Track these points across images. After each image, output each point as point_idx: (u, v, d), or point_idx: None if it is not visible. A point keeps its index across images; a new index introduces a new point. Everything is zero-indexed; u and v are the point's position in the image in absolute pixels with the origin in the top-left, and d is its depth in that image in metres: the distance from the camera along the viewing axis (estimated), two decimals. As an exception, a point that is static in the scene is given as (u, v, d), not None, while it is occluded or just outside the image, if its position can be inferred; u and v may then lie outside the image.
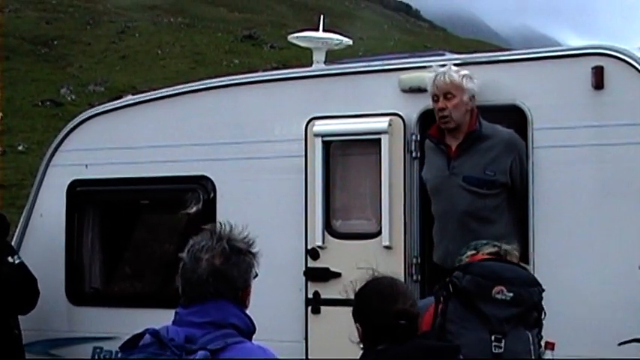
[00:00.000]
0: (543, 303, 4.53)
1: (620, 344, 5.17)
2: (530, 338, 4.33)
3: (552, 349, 4.56)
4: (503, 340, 4.24)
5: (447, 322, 4.30)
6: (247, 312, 3.66)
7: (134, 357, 3.42)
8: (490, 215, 6.14)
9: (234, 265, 3.63)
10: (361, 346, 4.14)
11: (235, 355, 3.42)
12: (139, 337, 3.50)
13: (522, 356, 4.27)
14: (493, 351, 4.21)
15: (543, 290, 4.48)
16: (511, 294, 4.29)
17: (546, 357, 4.51)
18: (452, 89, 6.24)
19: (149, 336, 3.48)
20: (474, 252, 4.73)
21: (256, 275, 3.76)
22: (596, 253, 6.01)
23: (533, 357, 4.31)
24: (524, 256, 6.10)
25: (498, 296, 4.27)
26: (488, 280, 4.31)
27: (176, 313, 3.62)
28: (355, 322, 4.16)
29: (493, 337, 4.24)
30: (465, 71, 6.31)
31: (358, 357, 4.07)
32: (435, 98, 6.31)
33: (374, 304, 4.13)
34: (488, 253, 4.66)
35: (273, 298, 6.59)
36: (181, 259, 3.70)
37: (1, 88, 30.40)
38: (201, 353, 3.36)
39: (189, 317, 3.56)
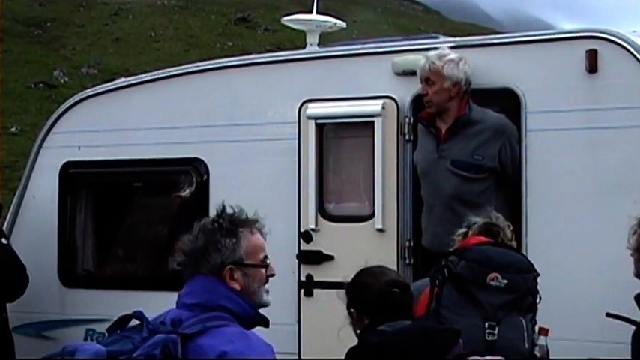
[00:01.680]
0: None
1: (607, 315, 5.20)
2: (524, 324, 4.33)
3: (546, 334, 4.56)
4: (496, 328, 4.24)
5: (441, 308, 4.29)
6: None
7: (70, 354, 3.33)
8: (477, 199, 6.14)
9: (209, 240, 3.55)
10: (358, 331, 4.14)
11: (210, 339, 3.33)
12: (127, 318, 3.45)
13: (515, 343, 4.27)
14: (487, 338, 4.21)
15: (538, 275, 4.48)
16: (505, 280, 4.28)
17: (540, 342, 4.52)
18: (431, 75, 6.29)
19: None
20: (465, 230, 4.76)
21: (241, 258, 3.62)
22: (589, 237, 6.01)
23: (526, 343, 4.31)
24: (516, 241, 6.11)
25: (493, 283, 4.26)
26: (483, 267, 4.30)
27: (179, 294, 3.59)
28: (349, 309, 4.15)
29: (487, 325, 4.23)
30: (452, 56, 6.29)
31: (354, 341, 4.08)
32: (421, 82, 6.34)
33: (365, 280, 4.17)
34: (481, 226, 4.68)
35: (265, 280, 6.59)
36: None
37: (-6, 70, 30.32)
38: (158, 336, 3.27)
39: (184, 299, 3.53)
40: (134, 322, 3.45)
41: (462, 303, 4.25)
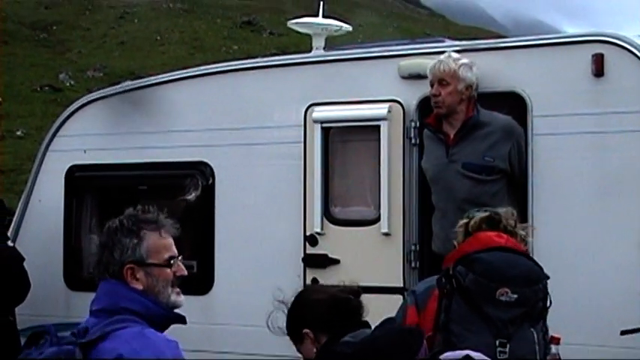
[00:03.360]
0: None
1: (622, 333, 5.14)
2: (535, 337, 4.25)
3: (557, 343, 4.52)
4: (507, 345, 4.17)
5: (450, 322, 4.21)
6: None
7: None
8: (490, 201, 6.11)
9: (118, 240, 3.47)
10: (315, 350, 4.02)
11: (109, 343, 3.26)
12: (42, 334, 3.39)
13: (527, 358, 4.20)
14: (498, 357, 4.14)
15: (548, 278, 4.42)
16: (515, 295, 4.18)
17: (552, 351, 4.47)
18: (446, 77, 6.26)
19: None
20: (466, 220, 4.67)
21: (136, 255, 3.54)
22: (595, 240, 6.00)
23: (538, 355, 4.24)
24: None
25: (502, 298, 4.16)
26: (492, 282, 4.20)
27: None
28: (300, 331, 4.06)
29: (498, 342, 4.15)
30: (465, 60, 6.30)
31: None
32: (432, 84, 6.31)
33: (313, 298, 4.12)
34: (481, 219, 4.60)
35: (271, 283, 6.57)
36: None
37: (0, 74, 30.36)
38: (50, 350, 3.24)
39: (91, 306, 3.48)
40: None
41: (471, 318, 4.15)
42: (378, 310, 4.20)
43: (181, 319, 3.52)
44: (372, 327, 3.98)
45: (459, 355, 3.72)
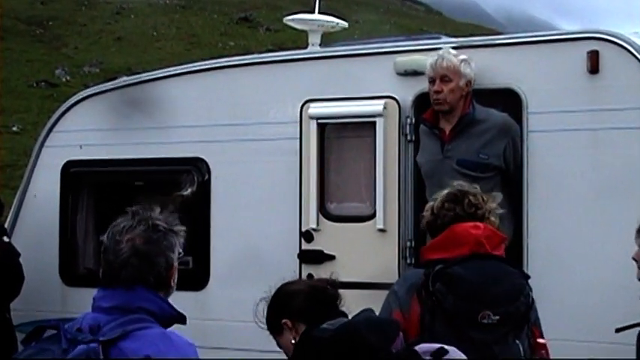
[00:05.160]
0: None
1: (617, 331, 5.13)
2: (521, 348, 4.23)
3: (543, 349, 4.50)
4: None
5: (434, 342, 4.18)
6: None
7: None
8: (484, 199, 6.11)
9: (156, 245, 3.43)
10: (293, 341, 4.03)
11: (132, 343, 3.22)
12: (43, 329, 3.33)
13: None
14: None
15: (529, 278, 4.37)
16: (497, 317, 4.12)
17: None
18: (449, 73, 6.25)
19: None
20: (432, 203, 4.64)
21: (180, 254, 3.54)
22: (591, 237, 6.01)
23: None
24: (519, 241, 6.11)
25: (485, 321, 4.10)
26: (473, 305, 4.13)
27: (93, 297, 3.45)
28: (279, 321, 4.08)
29: None
30: (463, 56, 6.30)
31: None
32: (431, 80, 6.30)
33: (291, 289, 4.15)
34: (446, 196, 4.56)
35: (266, 279, 6.58)
36: (102, 241, 3.52)
37: (-4, 69, 30.31)
38: (80, 348, 3.16)
39: (99, 302, 3.41)
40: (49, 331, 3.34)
41: (455, 341, 4.07)
42: (373, 305, 4.19)
43: (183, 319, 3.51)
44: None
45: (433, 347, 3.73)
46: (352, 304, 4.08)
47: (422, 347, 3.75)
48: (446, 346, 3.75)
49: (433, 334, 4.13)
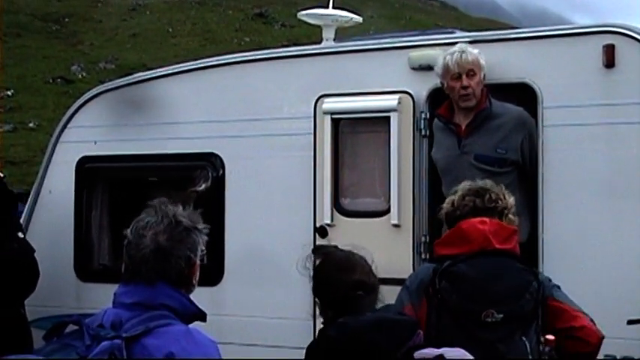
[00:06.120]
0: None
1: (629, 323, 5.12)
2: (528, 346, 4.20)
3: (552, 344, 4.48)
4: None
5: (441, 340, 4.16)
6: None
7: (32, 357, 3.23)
8: (502, 194, 6.09)
9: (179, 242, 3.45)
10: (321, 320, 4.09)
11: (155, 339, 3.21)
12: (64, 324, 3.33)
13: None
14: None
15: (536, 276, 4.33)
16: (501, 315, 4.13)
17: (546, 352, 4.42)
18: (474, 67, 6.23)
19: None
20: (452, 197, 4.64)
21: (203, 252, 3.56)
22: (606, 231, 5.98)
23: None
24: (534, 235, 6.09)
25: (489, 319, 4.12)
26: (477, 304, 4.15)
27: (114, 293, 3.46)
28: (315, 296, 4.13)
29: None
30: (476, 50, 6.29)
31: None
32: (456, 76, 6.25)
33: (331, 276, 4.13)
34: (468, 190, 4.56)
35: (280, 275, 6.59)
36: (125, 236, 3.54)
37: (13, 65, 30.41)
38: (104, 344, 3.15)
39: (121, 298, 3.40)
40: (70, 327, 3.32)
41: (460, 340, 4.02)
42: (388, 301, 4.19)
43: (204, 316, 3.50)
44: None
45: (434, 352, 3.70)
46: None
47: (421, 353, 3.73)
48: (449, 351, 3.72)
49: (440, 333, 4.13)
